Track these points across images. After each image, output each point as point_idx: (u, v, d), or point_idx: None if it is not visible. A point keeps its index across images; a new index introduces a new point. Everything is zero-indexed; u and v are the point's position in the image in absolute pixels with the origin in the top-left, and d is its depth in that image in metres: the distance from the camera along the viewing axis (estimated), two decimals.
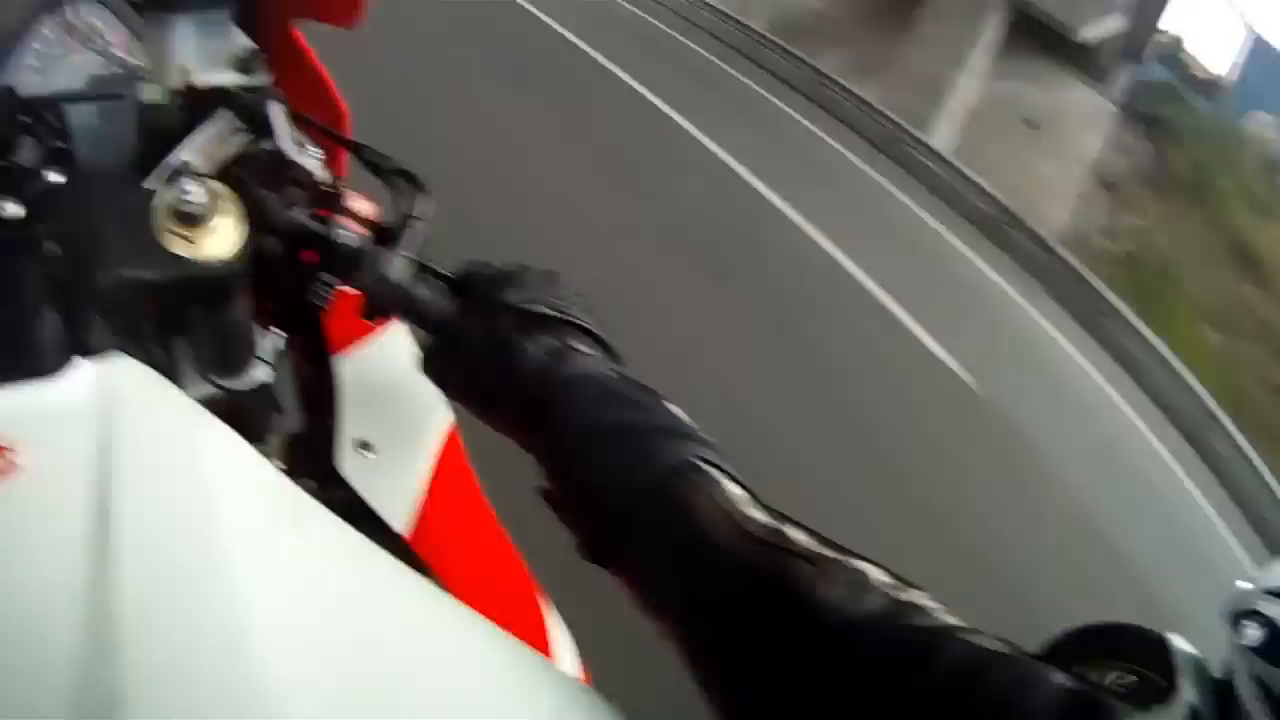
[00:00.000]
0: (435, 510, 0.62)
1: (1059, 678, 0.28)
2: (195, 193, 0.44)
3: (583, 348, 0.45)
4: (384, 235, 0.51)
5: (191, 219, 0.44)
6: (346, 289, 0.51)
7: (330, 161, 0.58)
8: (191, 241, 0.45)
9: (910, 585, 0.32)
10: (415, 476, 0.63)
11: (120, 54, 0.66)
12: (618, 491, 0.38)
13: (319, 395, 0.63)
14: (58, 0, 0.67)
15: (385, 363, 0.64)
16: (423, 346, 0.50)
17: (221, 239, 0.45)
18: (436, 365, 0.49)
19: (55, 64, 0.65)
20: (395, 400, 0.65)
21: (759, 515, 0.35)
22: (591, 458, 0.39)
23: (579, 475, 0.40)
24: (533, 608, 0.65)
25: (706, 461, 0.38)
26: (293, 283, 0.53)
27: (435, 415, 0.66)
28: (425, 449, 0.65)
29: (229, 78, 0.52)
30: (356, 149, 0.55)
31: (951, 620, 0.31)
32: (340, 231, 0.49)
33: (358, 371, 0.63)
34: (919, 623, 0.30)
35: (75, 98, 0.60)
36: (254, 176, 0.51)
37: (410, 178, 0.52)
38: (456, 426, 0.67)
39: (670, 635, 0.36)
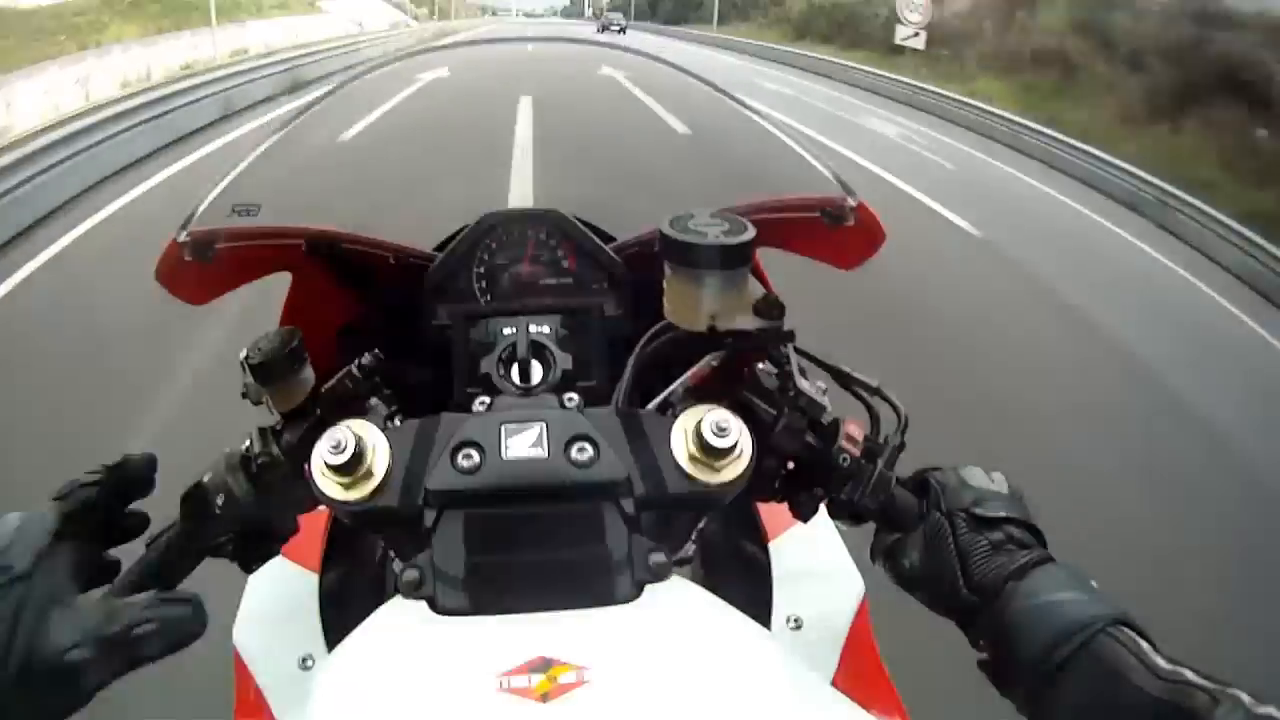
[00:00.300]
0: (844, 669, 0.70)
1: None
2: (721, 425, 0.49)
3: (1024, 541, 0.53)
4: (870, 453, 0.56)
5: (715, 451, 0.48)
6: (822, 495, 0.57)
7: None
8: (714, 469, 0.49)
9: (1267, 704, 0.40)
10: (833, 645, 0.71)
11: (571, 268, 0.78)
12: (1055, 657, 0.46)
13: (748, 575, 0.70)
14: (503, 218, 0.79)
15: (812, 546, 0.73)
16: (885, 543, 0.57)
17: (737, 464, 0.49)
18: (893, 557, 0.56)
19: (505, 274, 0.78)
20: (821, 580, 0.73)
21: (1163, 661, 0.44)
22: (1035, 632, 0.48)
23: (1021, 648, 0.48)
24: None
25: (1123, 624, 0.46)
26: (774, 491, 0.58)
27: (853, 591, 0.74)
28: (843, 621, 0.72)
29: (748, 321, 0.56)
30: (843, 376, 0.59)
31: None
32: (841, 454, 0.55)
33: (789, 555, 0.72)
34: None
35: (546, 310, 0.69)
36: (765, 405, 0.56)
37: (888, 399, 0.58)
38: (866, 597, 0.75)
39: None
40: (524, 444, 0.48)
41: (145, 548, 0.53)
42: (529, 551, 0.46)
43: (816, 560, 0.73)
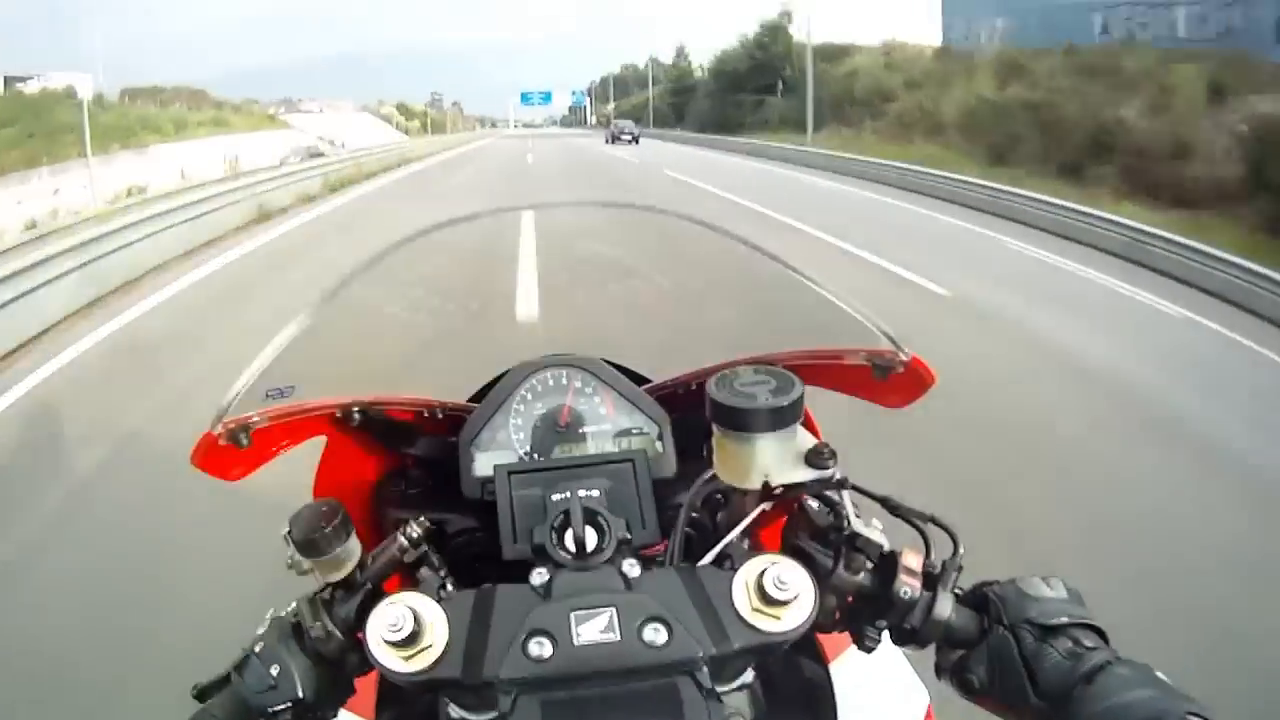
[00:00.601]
0: None
1: None
2: (783, 579, 0.51)
3: (1089, 643, 0.53)
4: (929, 580, 0.57)
5: (778, 602, 0.50)
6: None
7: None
8: (774, 617, 0.51)
9: None
10: None
11: (608, 415, 0.80)
12: None
13: (809, 698, 0.71)
14: (537, 366, 0.81)
15: (874, 664, 0.72)
16: (949, 659, 0.57)
17: (799, 610, 0.51)
18: (959, 673, 0.57)
19: (540, 423, 0.80)
20: (885, 697, 0.75)
21: None
22: None
23: None
24: None
25: (1195, 715, 0.46)
26: (838, 625, 0.59)
27: (919, 703, 0.76)
28: None
29: (802, 473, 0.58)
30: (895, 508, 0.60)
31: None
32: (900, 587, 0.56)
33: (850, 675, 0.73)
34: None
35: (592, 462, 0.72)
36: (822, 549, 0.58)
37: (943, 526, 0.59)
38: (931, 707, 0.77)
39: None
40: (595, 630, 0.49)
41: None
42: None
43: (879, 677, 0.75)
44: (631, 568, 0.54)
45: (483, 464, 0.76)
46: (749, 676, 0.60)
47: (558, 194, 14.67)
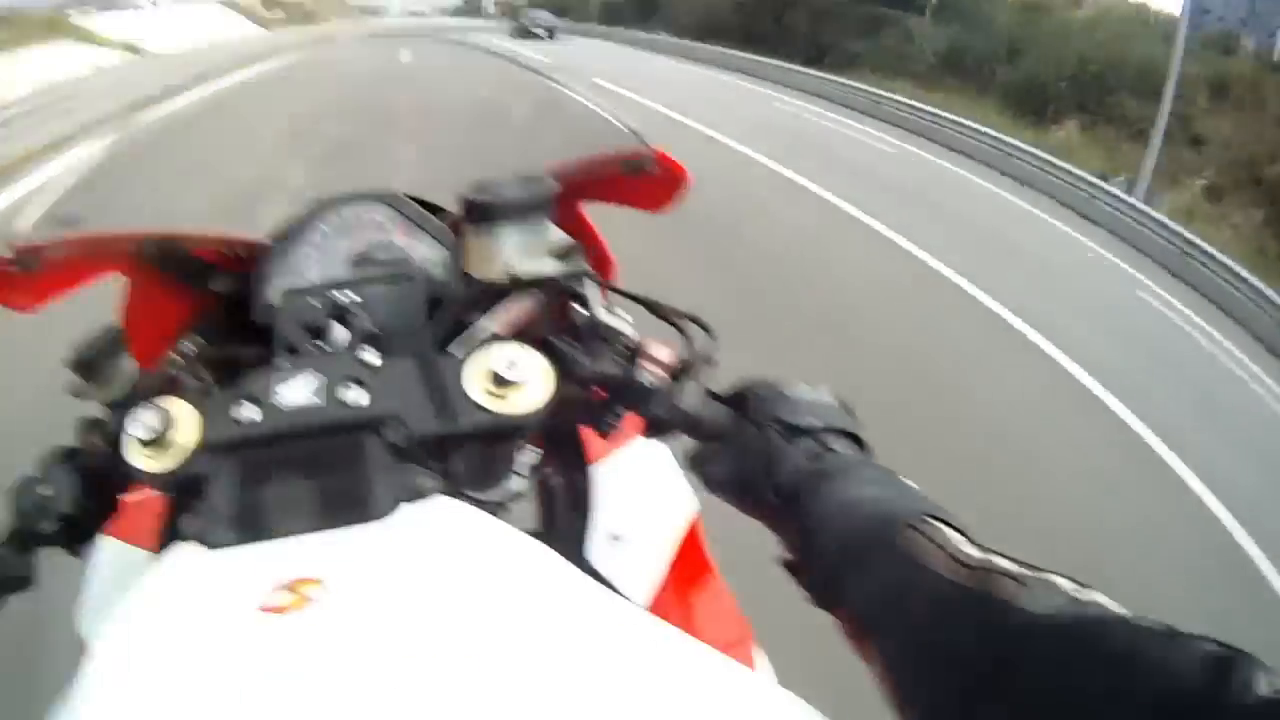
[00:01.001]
0: (672, 590, 0.72)
1: (1209, 646, 0.31)
2: (512, 359, 0.52)
3: (838, 447, 0.53)
4: (678, 373, 0.58)
5: (503, 380, 0.51)
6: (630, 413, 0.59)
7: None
8: (503, 399, 0.52)
9: (1089, 587, 0.38)
10: (659, 559, 0.73)
11: (401, 242, 0.79)
12: (853, 551, 0.45)
13: (571, 498, 0.72)
14: (335, 201, 0.80)
15: (639, 466, 0.74)
16: (696, 451, 0.58)
17: (532, 394, 0.52)
18: (707, 467, 0.57)
19: (334, 253, 0.78)
20: (646, 497, 0.75)
21: (971, 549, 0.42)
22: (835, 528, 0.47)
23: (820, 544, 0.48)
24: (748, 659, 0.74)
25: (931, 516, 0.44)
26: (583, 416, 0.60)
27: (683, 507, 0.77)
28: (669, 538, 0.75)
29: (549, 266, 0.60)
30: (655, 307, 0.62)
31: (1124, 611, 0.35)
32: (643, 374, 0.57)
33: (613, 475, 0.73)
34: (1099, 615, 0.35)
35: (369, 281, 0.70)
36: (566, 338, 0.59)
37: (698, 322, 0.61)
38: (700, 514, 0.77)
39: (879, 663, 0.42)
40: (298, 392, 0.51)
41: None
42: (294, 485, 0.48)
43: (644, 480, 0.76)
44: (372, 356, 0.55)
45: (273, 291, 0.77)
46: (519, 486, 0.62)
47: None
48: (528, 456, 0.66)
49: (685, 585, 0.74)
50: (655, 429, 0.59)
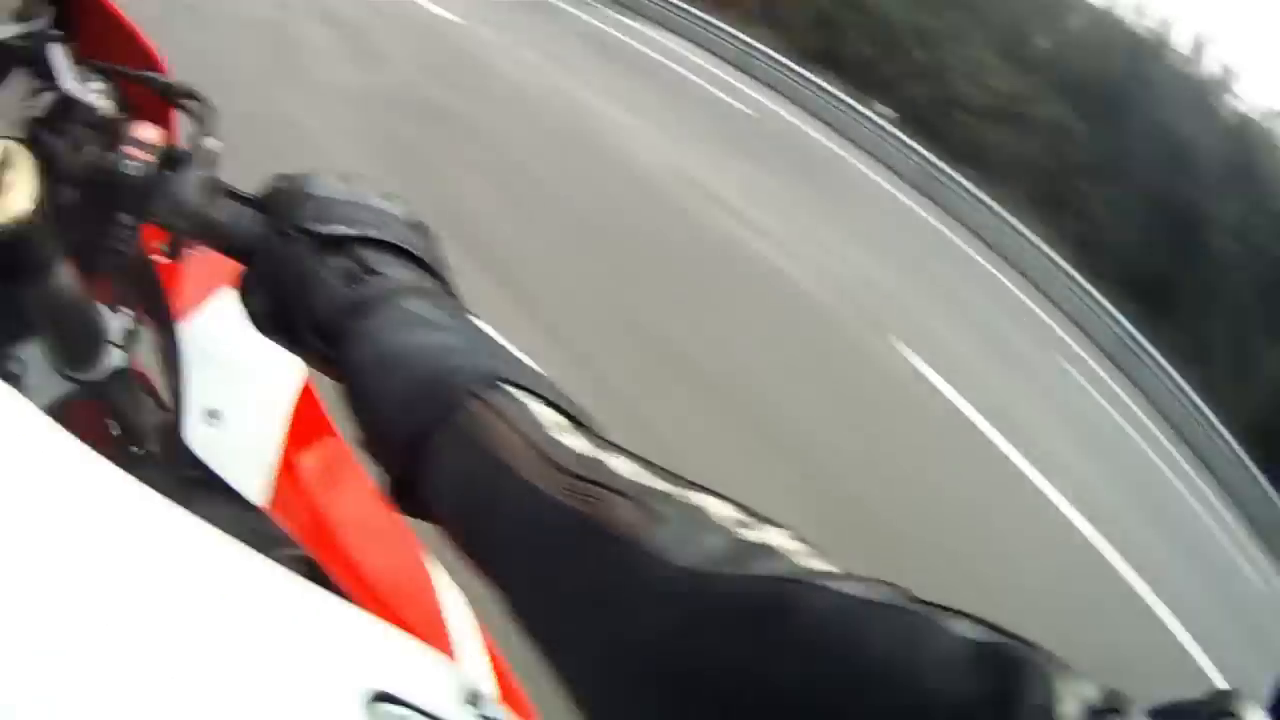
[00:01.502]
0: (293, 475, 0.60)
1: (961, 628, 0.21)
2: None
3: (386, 269, 0.39)
4: (174, 160, 0.47)
5: None
6: (149, 226, 0.48)
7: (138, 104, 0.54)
8: None
9: (764, 521, 0.26)
10: (268, 441, 0.60)
11: None
12: (408, 426, 0.32)
13: (168, 370, 0.59)
14: None
15: (229, 323, 0.58)
16: (240, 277, 0.45)
17: (16, 197, 0.43)
18: (246, 298, 0.43)
19: None
20: (241, 362, 0.61)
21: (573, 443, 0.29)
22: (383, 389, 0.34)
23: (371, 411, 0.35)
24: (415, 564, 0.62)
25: (509, 382, 0.31)
26: (109, 239, 0.49)
27: (285, 373, 0.63)
28: (276, 411, 0.62)
29: (4, 29, 0.49)
30: (141, 79, 0.51)
31: (816, 565, 0.24)
32: (126, 162, 0.45)
33: (201, 335, 0.59)
34: (770, 570, 0.23)
35: None
36: (41, 123, 0.48)
37: (196, 96, 0.50)
38: (311, 381, 0.63)
39: (499, 597, 0.30)
40: None
41: None
42: None
43: (239, 338, 0.58)
44: None
45: None
46: (118, 359, 0.54)
47: None
48: (120, 321, 0.55)
49: (311, 475, 0.62)
50: (172, 241, 0.46)
